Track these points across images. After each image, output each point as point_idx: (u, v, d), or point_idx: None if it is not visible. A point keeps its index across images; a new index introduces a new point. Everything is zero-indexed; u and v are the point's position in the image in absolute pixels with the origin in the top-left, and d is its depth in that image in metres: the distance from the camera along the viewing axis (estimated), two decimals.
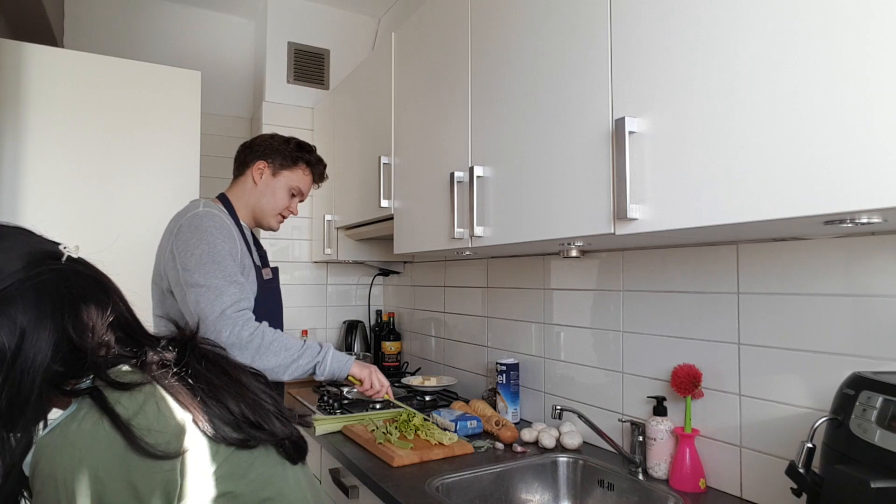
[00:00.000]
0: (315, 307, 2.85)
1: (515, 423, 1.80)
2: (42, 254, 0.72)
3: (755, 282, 1.22)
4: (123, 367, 0.73)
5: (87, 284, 0.74)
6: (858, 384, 0.83)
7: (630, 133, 1.04)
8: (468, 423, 1.67)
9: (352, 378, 1.52)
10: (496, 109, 1.45)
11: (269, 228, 1.67)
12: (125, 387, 0.69)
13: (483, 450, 1.57)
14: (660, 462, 1.34)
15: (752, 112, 0.86)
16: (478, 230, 1.48)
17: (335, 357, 1.46)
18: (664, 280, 1.42)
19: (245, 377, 0.80)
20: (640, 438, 1.39)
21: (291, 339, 1.41)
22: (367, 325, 2.89)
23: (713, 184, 0.91)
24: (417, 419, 1.65)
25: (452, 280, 2.34)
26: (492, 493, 1.42)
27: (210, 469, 0.69)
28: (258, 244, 1.68)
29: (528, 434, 1.62)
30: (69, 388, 0.70)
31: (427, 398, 2.07)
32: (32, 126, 1.97)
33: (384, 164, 2.00)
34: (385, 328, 2.74)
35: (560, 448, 1.58)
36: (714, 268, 1.30)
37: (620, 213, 1.04)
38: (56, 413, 0.71)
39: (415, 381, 2.16)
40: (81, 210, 2.03)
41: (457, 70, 1.62)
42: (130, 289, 0.82)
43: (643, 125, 1.03)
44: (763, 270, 1.20)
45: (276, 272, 1.66)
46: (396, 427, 1.62)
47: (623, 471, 1.40)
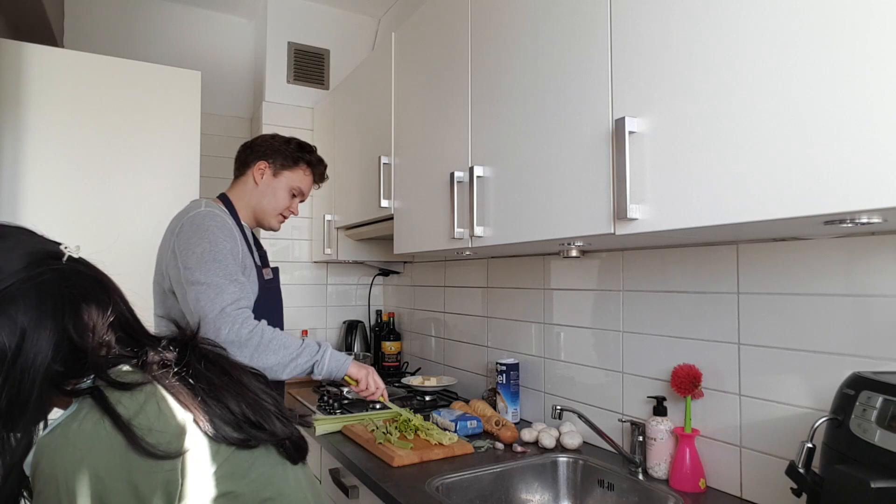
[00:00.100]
0: (315, 307, 2.85)
1: (515, 423, 1.80)
2: (43, 254, 0.72)
3: (755, 282, 1.22)
4: (124, 367, 0.73)
5: (88, 284, 0.74)
6: (858, 384, 0.83)
7: (630, 133, 1.04)
8: (468, 423, 1.67)
9: (348, 378, 1.52)
10: (496, 109, 1.45)
11: (270, 228, 1.67)
12: (126, 387, 0.69)
13: (483, 450, 1.57)
14: (660, 462, 1.35)
15: (752, 112, 0.86)
16: (478, 230, 1.48)
17: (333, 356, 1.47)
18: (664, 280, 1.42)
19: (246, 377, 0.80)
20: (640, 438, 1.39)
21: (290, 338, 1.41)
22: (367, 325, 2.89)
23: (713, 184, 0.91)
24: (417, 419, 1.65)
25: (452, 280, 2.34)
26: (492, 493, 1.42)
27: (211, 469, 0.69)
28: (258, 244, 1.68)
29: (528, 434, 1.62)
30: (70, 388, 0.70)
31: (427, 398, 2.07)
32: (32, 126, 1.97)
33: (384, 164, 2.01)
34: (385, 328, 2.74)
35: (560, 448, 1.58)
36: (714, 268, 1.30)
37: (620, 213, 1.04)
38: (57, 413, 0.71)
39: (415, 381, 2.16)
40: (81, 210, 2.03)
41: (457, 70, 1.62)
42: (131, 289, 0.82)
43: (643, 125, 1.03)
44: (763, 270, 1.20)
45: (277, 272, 1.66)
46: (396, 427, 1.62)
47: (623, 471, 1.40)
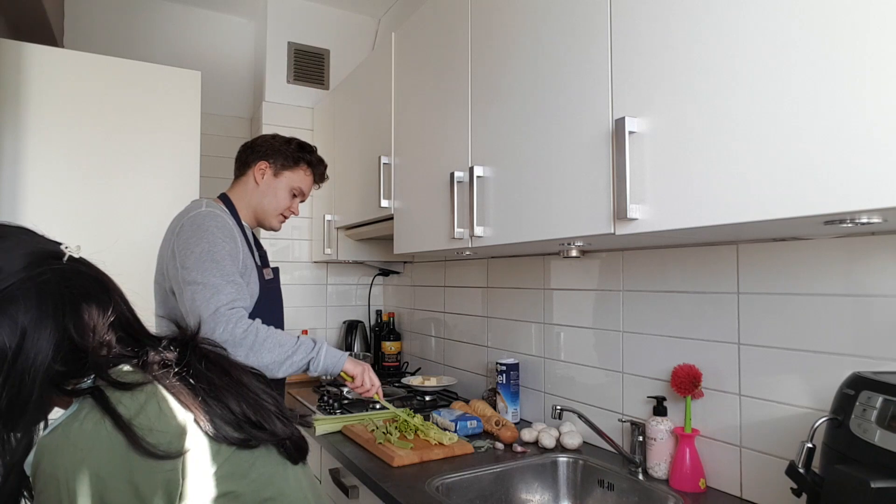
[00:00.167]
0: (315, 307, 2.85)
1: (515, 423, 1.80)
2: (44, 254, 0.72)
3: (755, 282, 1.22)
4: (125, 367, 0.73)
5: (89, 284, 0.74)
6: (858, 384, 0.83)
7: (630, 133, 1.04)
8: (468, 423, 1.67)
9: (344, 374, 1.52)
10: (496, 109, 1.45)
11: (271, 228, 1.67)
12: (127, 387, 0.69)
13: (483, 450, 1.57)
14: (660, 462, 1.35)
15: (752, 112, 0.86)
16: (478, 230, 1.48)
17: (329, 353, 1.46)
18: (664, 280, 1.42)
19: (246, 377, 0.80)
20: (640, 438, 1.39)
21: (285, 336, 1.41)
22: (367, 325, 2.89)
23: (713, 184, 0.91)
24: (417, 419, 1.65)
25: (452, 280, 2.34)
26: (492, 493, 1.42)
27: (211, 469, 0.69)
28: (259, 244, 1.68)
29: (528, 434, 1.62)
30: (70, 388, 0.70)
31: (427, 398, 2.07)
32: (32, 126, 1.97)
33: (384, 164, 2.01)
34: (385, 328, 2.74)
35: (560, 448, 1.58)
36: (714, 268, 1.30)
37: (620, 213, 1.04)
38: (57, 413, 0.71)
39: (415, 381, 2.16)
40: (81, 210, 2.03)
41: (457, 70, 1.62)
42: (131, 289, 0.82)
43: (643, 125, 1.03)
44: (763, 270, 1.20)
45: (277, 272, 1.66)
46: (396, 427, 1.62)
47: (623, 471, 1.40)
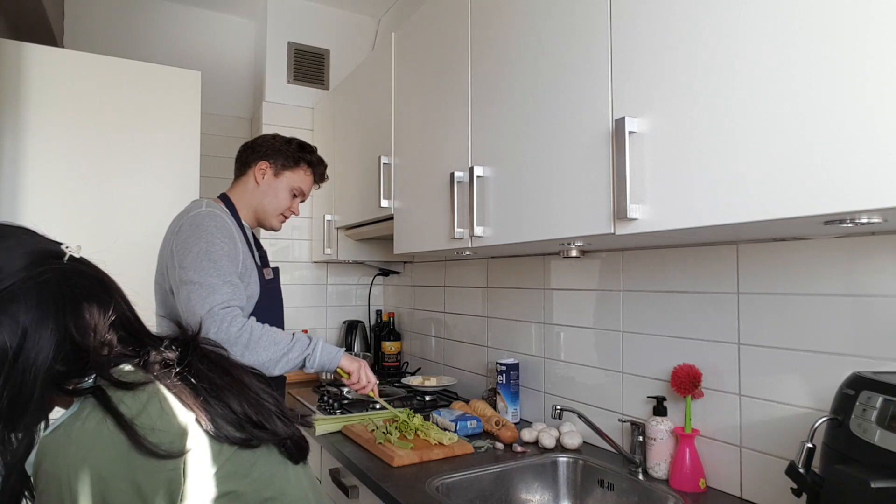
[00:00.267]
0: (315, 307, 2.85)
1: (515, 423, 1.80)
2: (44, 253, 0.72)
3: (755, 282, 1.22)
4: (126, 367, 0.73)
5: (90, 284, 0.74)
6: (858, 384, 0.83)
7: (630, 133, 1.04)
8: (468, 423, 1.67)
9: (340, 370, 1.52)
10: (496, 109, 1.45)
11: (271, 228, 1.67)
12: (128, 386, 0.69)
13: (483, 450, 1.57)
14: (660, 462, 1.35)
15: (752, 112, 0.86)
16: (478, 230, 1.48)
17: (325, 349, 1.46)
18: (664, 280, 1.42)
19: (247, 377, 0.80)
20: (640, 438, 1.39)
21: (281, 334, 1.40)
22: (367, 325, 2.89)
23: (713, 184, 0.91)
24: (417, 419, 1.65)
25: (452, 280, 2.34)
26: (492, 493, 1.42)
27: (213, 469, 0.69)
28: (259, 244, 1.68)
29: (528, 434, 1.63)
30: (71, 388, 0.70)
31: (427, 398, 2.07)
32: (32, 126, 1.97)
33: (384, 164, 2.01)
34: (385, 328, 2.74)
35: (560, 448, 1.58)
36: (714, 268, 1.30)
37: (620, 213, 1.05)
38: (58, 412, 0.71)
39: (415, 381, 2.17)
40: (81, 210, 2.03)
41: (457, 70, 1.62)
42: (131, 288, 0.82)
43: (643, 125, 1.03)
44: (763, 270, 1.20)
45: (277, 272, 1.67)
46: (396, 427, 1.62)
47: (623, 471, 1.40)
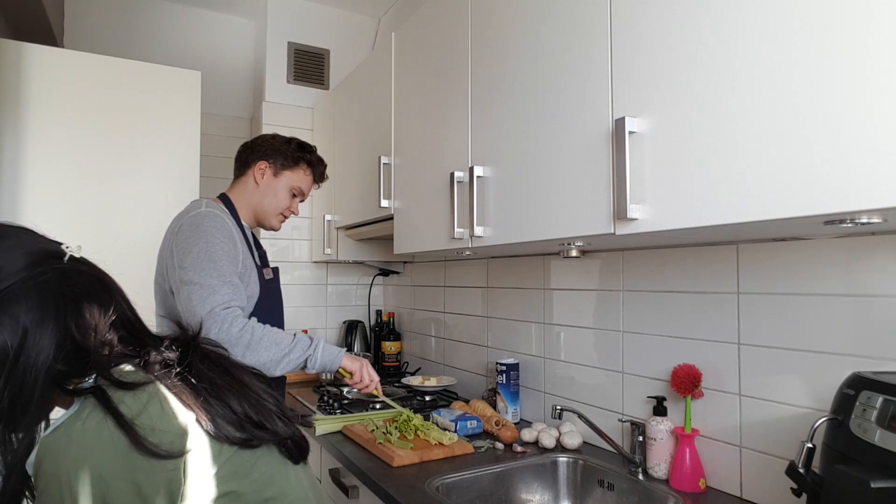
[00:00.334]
0: (315, 307, 2.85)
1: (515, 423, 1.80)
2: (45, 253, 0.72)
3: (755, 282, 1.22)
4: (126, 367, 0.73)
5: (90, 283, 0.74)
6: (858, 384, 0.83)
7: (630, 133, 1.04)
8: (468, 423, 1.67)
9: (342, 371, 1.52)
10: (496, 109, 1.45)
11: (271, 228, 1.67)
12: (128, 386, 0.69)
13: (483, 450, 1.57)
14: (660, 462, 1.35)
15: (752, 112, 0.86)
16: (478, 230, 1.48)
17: (326, 350, 1.46)
18: (664, 280, 1.42)
19: (247, 377, 0.80)
20: (640, 438, 1.39)
21: (282, 334, 1.40)
22: (367, 325, 2.89)
23: (713, 184, 0.91)
24: (417, 419, 1.65)
25: (452, 280, 2.34)
26: (492, 493, 1.42)
27: (213, 469, 0.69)
28: (258, 244, 1.68)
29: (528, 434, 1.63)
30: (72, 388, 0.70)
31: (427, 398, 2.07)
32: (32, 126, 1.97)
33: (384, 164, 2.01)
34: (385, 328, 2.75)
35: (560, 448, 1.58)
36: (714, 268, 1.30)
37: (620, 213, 1.05)
38: (59, 412, 0.71)
39: (415, 381, 2.17)
40: (81, 210, 2.03)
41: (457, 70, 1.62)
42: (131, 288, 0.82)
43: (643, 125, 1.03)
44: (763, 270, 1.20)
45: (277, 272, 1.66)
46: (396, 427, 1.62)
47: (623, 471, 1.40)
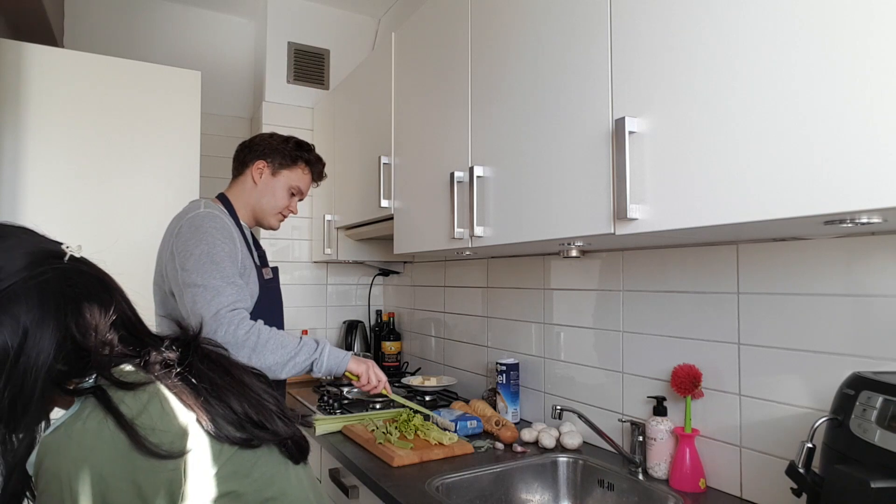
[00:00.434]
0: (315, 307, 2.85)
1: (515, 423, 1.80)
2: (45, 253, 0.72)
3: (755, 282, 1.22)
4: (127, 367, 0.73)
5: (90, 283, 0.74)
6: (858, 384, 0.83)
7: (630, 133, 1.04)
8: (468, 423, 1.67)
9: (349, 374, 1.51)
10: (496, 109, 1.45)
11: (270, 228, 1.67)
12: (129, 386, 0.69)
13: (483, 450, 1.57)
14: (660, 462, 1.35)
15: (752, 112, 0.86)
16: (478, 230, 1.48)
17: (332, 353, 1.46)
18: (664, 280, 1.42)
19: (247, 377, 0.80)
20: (640, 438, 1.39)
21: (288, 337, 1.40)
22: (367, 325, 2.89)
23: (713, 184, 0.91)
24: (417, 419, 1.65)
25: (452, 280, 2.34)
26: (492, 493, 1.42)
27: (213, 469, 0.69)
28: (258, 244, 1.68)
29: (528, 434, 1.63)
30: (72, 388, 0.70)
31: (427, 398, 2.07)
32: (32, 126, 1.97)
33: (384, 164, 2.01)
34: (385, 328, 2.75)
35: (560, 448, 1.58)
36: (714, 268, 1.30)
37: (620, 213, 1.05)
38: (59, 412, 0.71)
39: (415, 381, 2.17)
40: (81, 210, 2.03)
41: (457, 70, 1.62)
42: (131, 288, 0.82)
43: (643, 125, 1.03)
44: (763, 270, 1.20)
45: (276, 272, 1.66)
46: (396, 427, 1.62)
47: (623, 471, 1.40)
